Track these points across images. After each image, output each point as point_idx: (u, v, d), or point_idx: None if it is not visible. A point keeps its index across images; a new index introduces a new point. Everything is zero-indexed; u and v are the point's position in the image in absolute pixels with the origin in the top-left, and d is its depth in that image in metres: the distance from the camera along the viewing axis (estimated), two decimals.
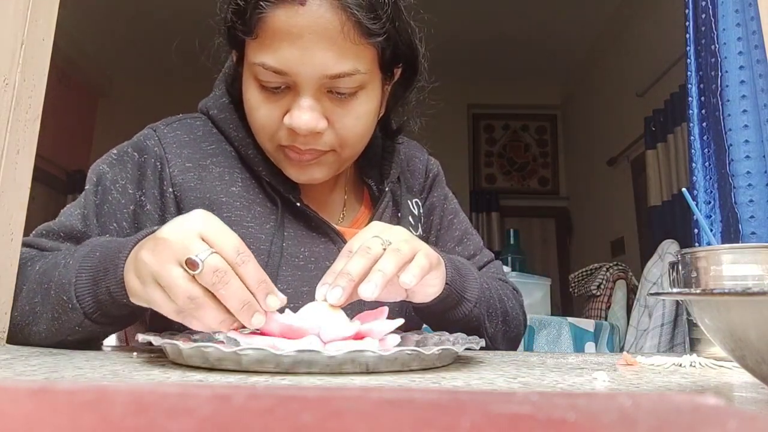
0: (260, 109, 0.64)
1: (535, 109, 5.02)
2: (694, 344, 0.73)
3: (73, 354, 0.56)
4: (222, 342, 0.52)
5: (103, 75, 4.58)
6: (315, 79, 0.61)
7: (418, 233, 0.79)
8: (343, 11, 0.59)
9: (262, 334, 0.52)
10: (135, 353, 0.59)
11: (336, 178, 0.77)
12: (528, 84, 4.77)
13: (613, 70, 3.97)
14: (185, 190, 0.69)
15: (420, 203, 0.83)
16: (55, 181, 4.06)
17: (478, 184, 4.91)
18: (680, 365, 0.59)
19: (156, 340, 0.51)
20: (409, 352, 0.48)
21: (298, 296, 0.65)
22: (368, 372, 0.47)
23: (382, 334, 0.53)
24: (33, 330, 0.60)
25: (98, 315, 0.57)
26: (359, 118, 0.65)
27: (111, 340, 0.82)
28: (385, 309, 0.56)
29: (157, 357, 0.55)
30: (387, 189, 0.78)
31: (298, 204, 0.70)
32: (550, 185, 5.02)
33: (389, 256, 0.52)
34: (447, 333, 0.65)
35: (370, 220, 0.74)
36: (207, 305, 0.47)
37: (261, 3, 0.59)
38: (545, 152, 5.07)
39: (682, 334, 1.86)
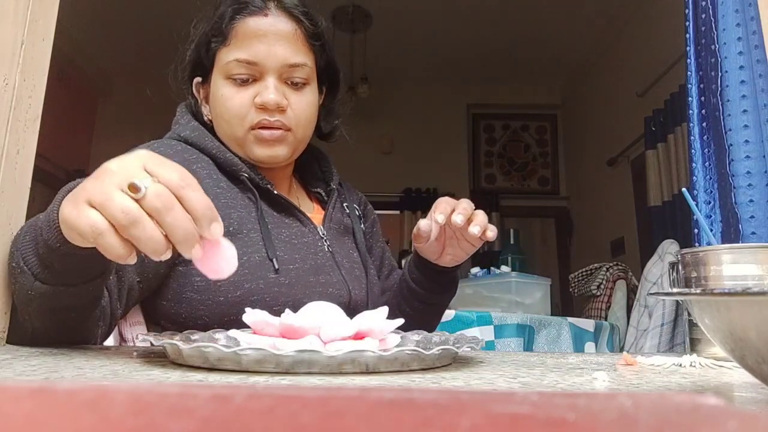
0: (234, 99, 0.79)
1: (535, 109, 5.02)
2: (694, 344, 0.73)
3: (73, 354, 0.57)
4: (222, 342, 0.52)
5: (103, 75, 4.57)
6: (278, 66, 0.79)
7: (362, 227, 0.98)
8: (294, 20, 0.81)
9: (262, 334, 0.52)
10: (135, 353, 0.59)
11: (288, 187, 0.92)
12: (528, 84, 4.77)
13: (613, 70, 3.97)
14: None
15: (359, 208, 1.01)
16: (55, 181, 4.06)
17: (478, 184, 4.91)
18: (680, 365, 0.59)
19: (156, 340, 0.51)
20: (409, 352, 0.48)
21: (293, 261, 0.79)
22: (368, 372, 0.47)
23: (382, 334, 0.53)
24: (23, 318, 0.62)
25: (44, 273, 0.56)
26: (308, 104, 0.83)
27: (111, 340, 0.82)
28: (385, 309, 0.56)
29: (157, 357, 0.55)
30: (334, 187, 0.93)
31: (275, 192, 0.82)
32: (550, 185, 5.02)
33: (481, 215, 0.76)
34: (447, 333, 0.66)
35: (326, 213, 0.90)
36: (144, 220, 0.44)
37: (235, 15, 0.79)
38: (545, 152, 5.06)
39: (682, 334, 1.86)
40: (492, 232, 0.75)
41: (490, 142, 5.05)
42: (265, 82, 0.79)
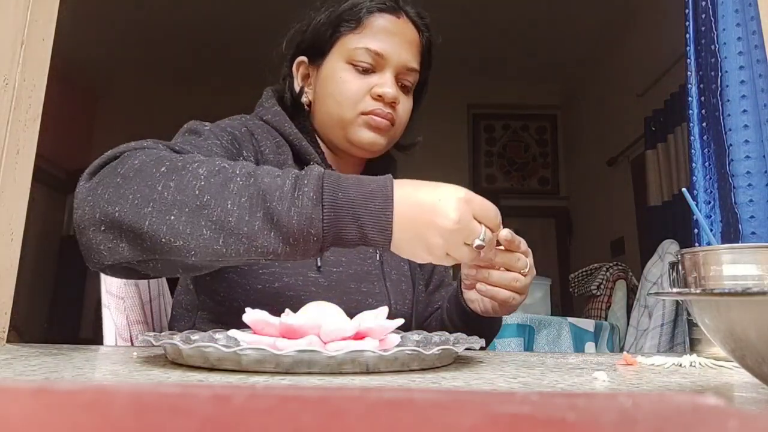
0: (352, 83, 0.83)
1: (535, 109, 5.02)
2: (694, 344, 0.73)
3: (73, 354, 0.57)
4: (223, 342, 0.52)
5: (103, 75, 4.57)
6: (399, 65, 0.83)
7: None
8: (419, 31, 0.87)
9: (262, 334, 0.52)
10: (135, 353, 0.59)
11: None
12: (528, 84, 4.77)
13: (613, 70, 3.97)
14: (268, 163, 0.80)
15: None
16: (55, 181, 4.06)
17: (478, 184, 4.90)
18: (680, 365, 0.59)
19: (156, 340, 0.51)
20: (409, 352, 0.48)
21: (338, 264, 0.80)
22: (368, 372, 0.47)
23: (382, 334, 0.53)
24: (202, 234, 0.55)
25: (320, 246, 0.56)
26: (409, 108, 0.88)
27: (111, 340, 0.82)
28: (385, 309, 0.56)
29: (157, 357, 0.55)
30: None
31: None
32: (550, 185, 5.02)
33: (528, 279, 0.73)
34: (447, 333, 0.66)
35: None
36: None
37: (374, 9, 0.84)
38: (545, 152, 5.06)
39: (682, 334, 1.86)
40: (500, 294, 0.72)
41: (490, 142, 5.04)
42: (383, 75, 0.83)
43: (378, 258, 0.85)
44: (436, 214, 0.57)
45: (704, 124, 1.18)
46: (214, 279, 0.77)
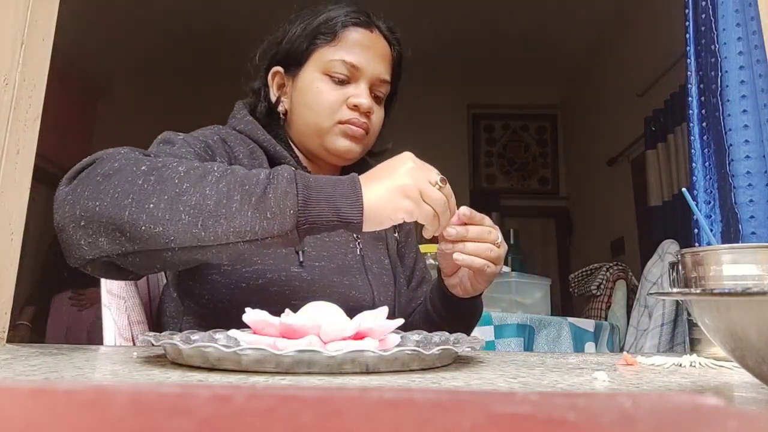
0: (329, 94, 0.86)
1: (535, 109, 5.02)
2: (694, 344, 0.73)
3: (73, 354, 0.57)
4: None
5: (103, 75, 4.57)
6: (373, 77, 0.87)
7: (396, 236, 1.01)
8: (390, 45, 0.91)
9: (262, 334, 0.52)
10: (135, 353, 0.59)
11: None
12: (528, 84, 4.77)
13: (613, 70, 3.97)
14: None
15: None
16: (55, 181, 4.04)
17: (478, 184, 4.91)
18: (680, 365, 0.59)
19: (156, 340, 0.51)
20: (409, 352, 0.48)
21: (320, 258, 0.81)
22: (368, 372, 0.47)
23: (382, 334, 0.53)
24: (208, 223, 0.56)
25: (307, 228, 0.60)
26: (380, 118, 0.91)
27: (111, 340, 0.82)
28: (385, 309, 0.56)
29: (157, 357, 0.55)
30: None
31: None
32: (550, 185, 5.02)
33: (502, 250, 0.78)
34: (447, 333, 0.66)
35: None
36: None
37: (348, 23, 0.87)
38: (545, 152, 5.06)
39: (682, 334, 1.86)
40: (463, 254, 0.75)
41: (490, 142, 5.04)
42: (359, 86, 0.86)
43: (359, 252, 0.87)
44: (395, 164, 0.65)
45: (704, 124, 1.18)
46: (197, 282, 0.78)
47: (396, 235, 1.02)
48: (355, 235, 0.89)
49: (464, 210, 0.73)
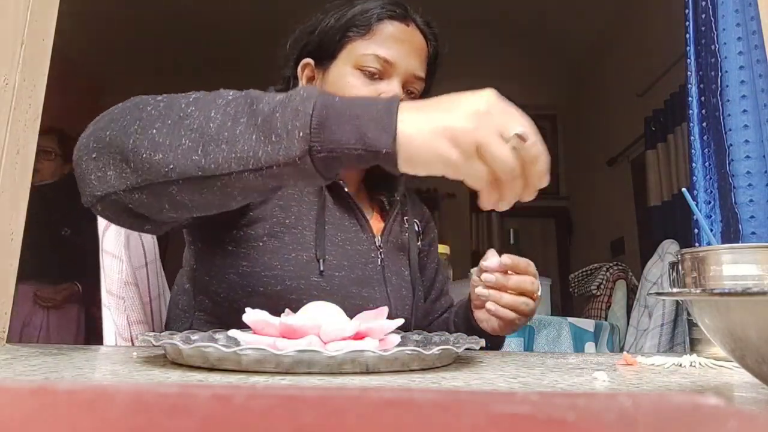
0: (360, 89, 0.81)
1: (535, 109, 4.99)
2: (694, 344, 0.73)
3: (73, 354, 0.57)
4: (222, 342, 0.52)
5: (103, 75, 4.57)
6: (407, 73, 0.82)
7: (418, 245, 0.97)
8: (426, 40, 0.87)
9: (262, 334, 0.52)
10: (135, 353, 0.59)
11: (357, 189, 0.92)
12: (528, 84, 4.77)
13: (614, 70, 3.97)
14: None
15: (419, 224, 0.99)
16: None
17: None
18: (680, 365, 0.59)
19: (156, 340, 0.51)
20: (409, 352, 0.48)
21: (340, 268, 0.79)
22: (368, 372, 0.47)
23: (382, 334, 0.53)
24: (209, 149, 0.50)
25: (326, 158, 0.49)
26: None
27: (111, 340, 0.82)
28: (385, 309, 0.56)
29: (157, 357, 0.55)
30: (397, 198, 0.92)
31: (345, 190, 0.84)
32: (550, 185, 5.01)
33: (537, 303, 0.75)
34: (447, 333, 0.66)
35: (385, 226, 0.89)
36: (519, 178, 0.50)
37: (384, 16, 0.83)
38: None
39: (682, 334, 1.86)
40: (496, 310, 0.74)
41: None
42: (391, 83, 0.82)
43: (380, 263, 0.85)
44: (462, 98, 0.50)
45: (704, 124, 1.18)
46: (213, 279, 0.77)
47: (419, 243, 0.98)
48: (377, 243, 0.85)
49: (506, 259, 0.71)
